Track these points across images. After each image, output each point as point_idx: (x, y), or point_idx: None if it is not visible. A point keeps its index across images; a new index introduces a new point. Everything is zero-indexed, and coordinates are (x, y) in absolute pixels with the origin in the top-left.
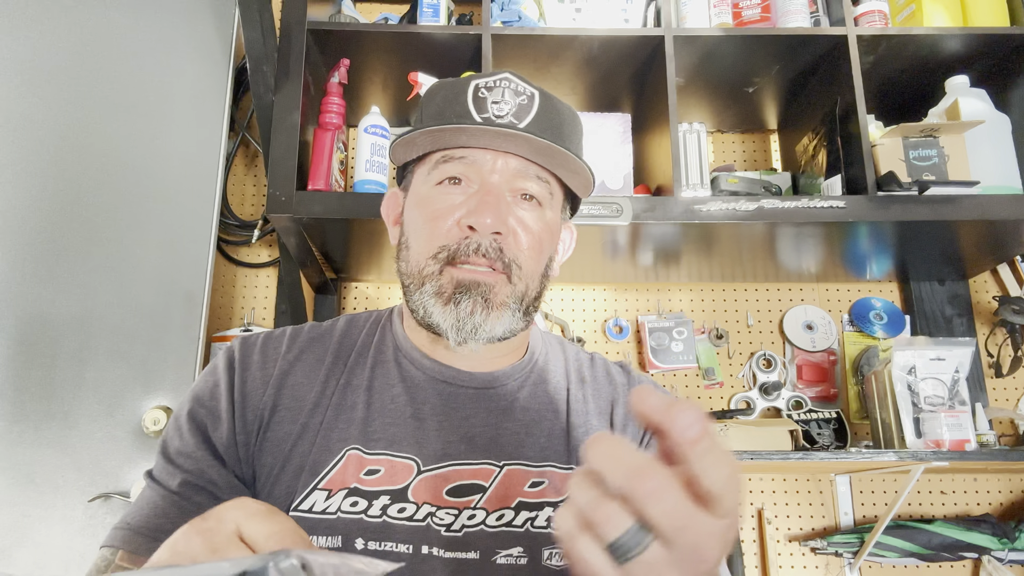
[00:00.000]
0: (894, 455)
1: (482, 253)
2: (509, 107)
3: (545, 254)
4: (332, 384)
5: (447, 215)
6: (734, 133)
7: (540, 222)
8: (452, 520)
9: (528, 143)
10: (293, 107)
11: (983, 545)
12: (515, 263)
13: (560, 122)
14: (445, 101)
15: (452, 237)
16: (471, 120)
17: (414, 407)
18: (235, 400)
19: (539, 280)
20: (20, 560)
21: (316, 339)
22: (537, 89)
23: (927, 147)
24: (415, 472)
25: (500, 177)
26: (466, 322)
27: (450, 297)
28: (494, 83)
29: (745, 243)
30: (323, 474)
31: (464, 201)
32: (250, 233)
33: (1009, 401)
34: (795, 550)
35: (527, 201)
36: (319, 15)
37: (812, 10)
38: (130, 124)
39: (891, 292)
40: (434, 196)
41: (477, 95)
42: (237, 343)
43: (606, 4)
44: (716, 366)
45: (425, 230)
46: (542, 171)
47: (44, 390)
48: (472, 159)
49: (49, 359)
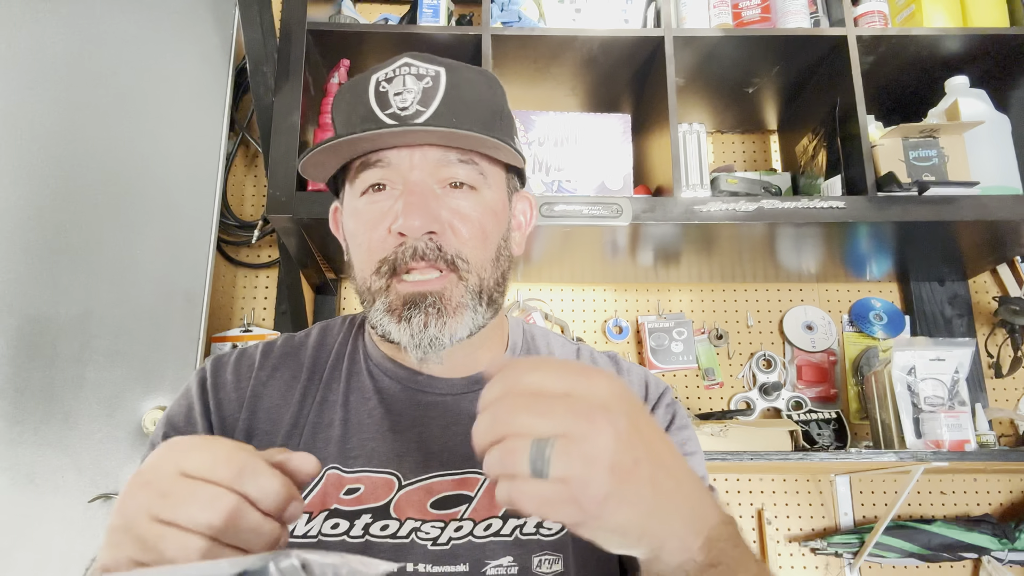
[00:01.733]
0: (894, 455)
1: (420, 256)
2: (413, 95)
3: (493, 238)
4: (308, 403)
5: (378, 225)
6: (734, 133)
7: (479, 207)
8: (438, 533)
9: (441, 135)
10: (293, 107)
11: (983, 545)
12: (459, 257)
13: (473, 97)
14: (350, 106)
15: (388, 247)
16: (375, 120)
17: (391, 419)
18: (213, 424)
19: (492, 266)
20: (20, 561)
21: (289, 354)
22: (443, 66)
23: (927, 147)
24: (396, 487)
25: (421, 172)
26: (422, 336)
27: (400, 314)
28: (394, 72)
29: (745, 243)
30: (302, 497)
31: (392, 206)
32: (250, 233)
33: (1009, 401)
34: (795, 550)
35: (458, 189)
36: (319, 16)
37: (812, 10)
38: (130, 124)
39: (891, 292)
40: (361, 207)
41: (378, 90)
42: (209, 363)
43: (606, 4)
44: (716, 366)
45: (363, 245)
46: (464, 153)
47: (44, 390)
48: (388, 160)
49: (49, 359)
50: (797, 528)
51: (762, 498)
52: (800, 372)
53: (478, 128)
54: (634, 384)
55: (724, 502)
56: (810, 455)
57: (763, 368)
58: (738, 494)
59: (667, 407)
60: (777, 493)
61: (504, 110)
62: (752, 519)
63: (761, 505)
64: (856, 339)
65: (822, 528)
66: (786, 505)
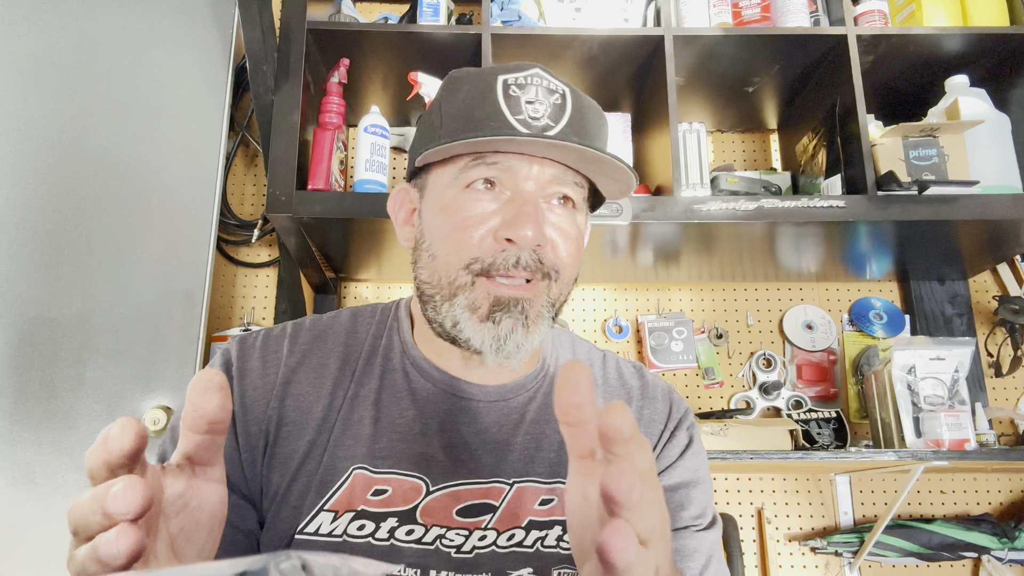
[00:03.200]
0: (894, 455)
1: (523, 266)
2: (544, 108)
3: (580, 257)
4: (340, 396)
5: (479, 224)
6: (734, 133)
7: (575, 226)
8: (462, 541)
9: (576, 153)
10: (293, 107)
11: (983, 545)
12: (554, 271)
13: (592, 122)
14: (471, 98)
15: (486, 249)
16: (503, 121)
17: (422, 423)
18: (236, 412)
19: (571, 285)
20: (20, 560)
21: (319, 338)
22: (567, 86)
23: (927, 147)
24: (424, 493)
25: (535, 184)
26: (507, 341)
27: (488, 314)
28: (525, 80)
29: (745, 243)
30: (329, 495)
31: (498, 209)
32: (250, 233)
33: (1009, 401)
34: (795, 550)
35: (562, 205)
36: (319, 15)
37: (812, 10)
38: (130, 124)
39: (891, 292)
40: (462, 202)
41: (508, 93)
42: (234, 345)
43: (606, 4)
44: (716, 366)
45: (454, 239)
46: (577, 175)
47: (44, 390)
48: (506, 164)
49: (49, 359)
50: (797, 527)
51: (762, 497)
52: (800, 371)
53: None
54: (657, 400)
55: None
56: (810, 454)
57: (763, 367)
58: (738, 493)
59: (687, 430)
60: (777, 492)
61: (607, 142)
62: (752, 518)
63: (761, 504)
64: (856, 338)
65: (822, 527)
66: (786, 504)
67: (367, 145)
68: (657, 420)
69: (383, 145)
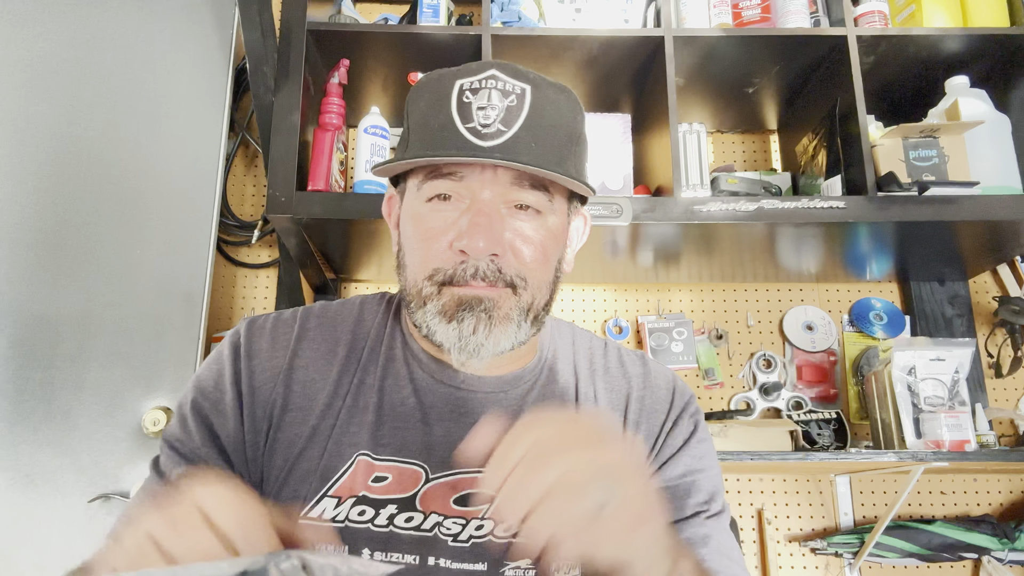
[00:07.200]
0: (894, 455)
1: (481, 276)
2: (496, 112)
3: (552, 260)
4: (345, 383)
5: (440, 236)
6: (734, 133)
7: (541, 230)
8: (459, 530)
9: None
10: (293, 107)
11: (983, 545)
12: (518, 278)
13: (554, 120)
14: (429, 107)
15: (446, 260)
16: (453, 131)
17: (423, 411)
18: (242, 393)
19: (548, 288)
20: (20, 561)
21: (326, 325)
22: (529, 83)
23: (927, 147)
24: (423, 480)
25: (492, 192)
26: (468, 341)
27: (453, 314)
28: (479, 83)
29: (745, 243)
30: (333, 481)
31: (456, 220)
32: (250, 233)
33: (1009, 401)
34: (795, 550)
35: (524, 211)
36: (319, 15)
37: (812, 10)
38: (130, 124)
39: (891, 292)
40: (425, 213)
41: (462, 100)
42: (244, 326)
43: (606, 4)
44: (716, 366)
45: (419, 250)
46: (537, 180)
47: (44, 390)
48: (461, 174)
49: (49, 359)
50: (797, 528)
51: (762, 498)
52: (800, 372)
53: (554, 154)
54: (660, 389)
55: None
56: (810, 455)
57: (763, 368)
58: (738, 494)
59: (691, 417)
60: (777, 493)
61: (582, 135)
62: (752, 519)
63: (761, 505)
64: (856, 339)
65: (822, 528)
66: (786, 505)
67: (367, 146)
68: (659, 409)
69: (383, 146)
